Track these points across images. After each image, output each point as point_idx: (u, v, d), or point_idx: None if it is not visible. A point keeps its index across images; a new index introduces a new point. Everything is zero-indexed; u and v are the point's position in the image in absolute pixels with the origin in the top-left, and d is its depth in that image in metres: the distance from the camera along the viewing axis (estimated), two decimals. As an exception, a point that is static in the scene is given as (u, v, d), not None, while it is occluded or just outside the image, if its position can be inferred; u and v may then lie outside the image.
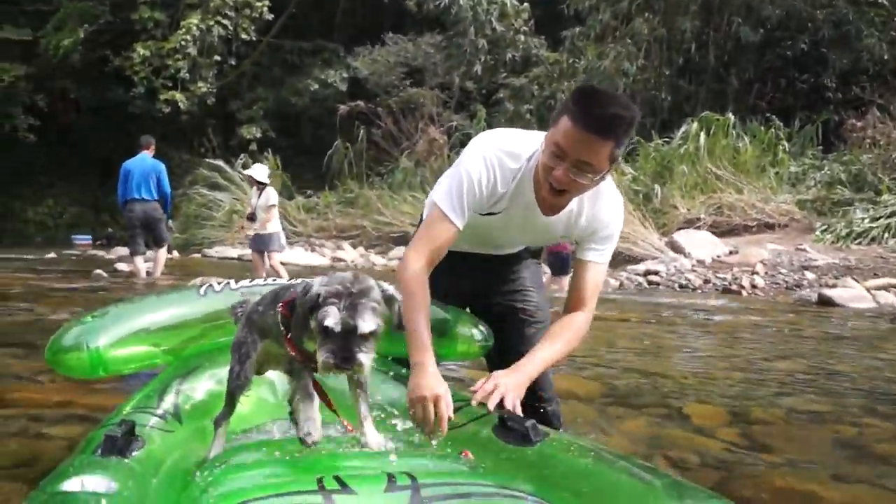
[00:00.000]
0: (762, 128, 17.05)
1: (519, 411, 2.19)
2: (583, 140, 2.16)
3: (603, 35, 21.86)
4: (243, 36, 26.25)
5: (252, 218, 11.16)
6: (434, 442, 2.10)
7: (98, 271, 11.46)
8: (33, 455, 2.80)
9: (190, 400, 2.33)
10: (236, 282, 2.79)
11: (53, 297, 8.65)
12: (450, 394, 2.16)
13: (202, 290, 2.74)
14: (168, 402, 2.26)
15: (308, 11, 27.87)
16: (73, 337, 2.42)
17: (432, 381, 2.15)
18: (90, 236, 26.07)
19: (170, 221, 12.47)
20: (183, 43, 25.06)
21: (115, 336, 2.46)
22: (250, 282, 2.82)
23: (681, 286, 11.58)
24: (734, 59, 21.07)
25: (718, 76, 21.08)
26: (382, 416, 2.23)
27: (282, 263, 10.72)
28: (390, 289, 1.84)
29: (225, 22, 25.61)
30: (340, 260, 16.66)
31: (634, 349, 6.07)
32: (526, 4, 24.36)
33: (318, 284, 1.77)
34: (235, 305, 2.29)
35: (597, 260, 2.54)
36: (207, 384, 2.40)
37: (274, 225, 10.83)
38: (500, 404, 2.18)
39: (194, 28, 25.01)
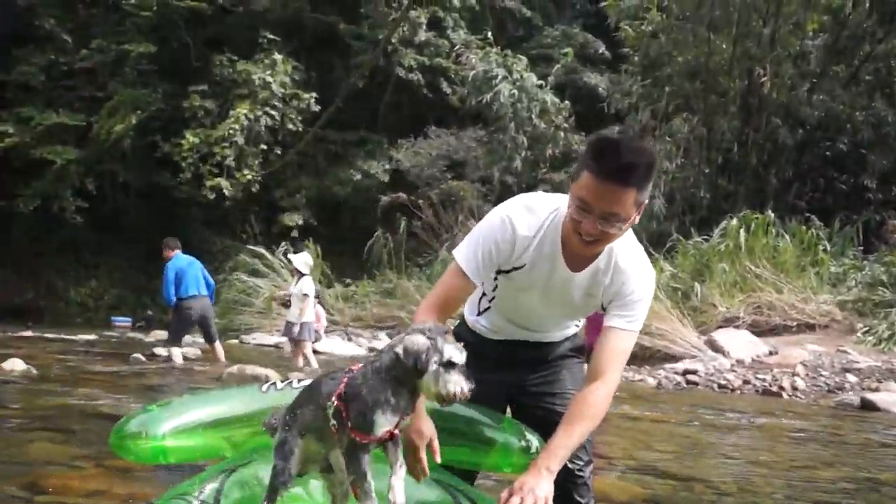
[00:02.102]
0: (802, 227, 16.93)
1: None
2: (605, 191, 2.19)
3: (643, 133, 22.06)
4: (290, 126, 26.92)
5: (286, 304, 11.31)
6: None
7: (136, 355, 11.53)
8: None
9: (232, 492, 2.36)
10: (298, 381, 2.80)
11: (92, 381, 8.68)
12: (435, 438, 2.33)
13: (264, 388, 2.79)
14: (208, 491, 2.31)
15: (353, 103, 28.43)
16: (136, 424, 2.54)
17: (424, 426, 2.33)
18: (130, 319, 26.29)
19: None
20: (231, 131, 25.66)
21: (176, 426, 2.55)
22: None
23: (720, 386, 11.38)
24: (773, 158, 21.07)
25: (758, 175, 21.05)
26: None
27: (317, 353, 10.76)
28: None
29: (273, 112, 26.30)
30: (376, 350, 16.62)
31: (672, 452, 5.96)
32: (566, 102, 24.76)
33: (401, 345, 1.98)
34: (266, 419, 2.33)
35: (621, 326, 2.46)
36: (253, 479, 2.42)
37: (308, 315, 10.96)
38: None
39: (243, 118, 25.69)
